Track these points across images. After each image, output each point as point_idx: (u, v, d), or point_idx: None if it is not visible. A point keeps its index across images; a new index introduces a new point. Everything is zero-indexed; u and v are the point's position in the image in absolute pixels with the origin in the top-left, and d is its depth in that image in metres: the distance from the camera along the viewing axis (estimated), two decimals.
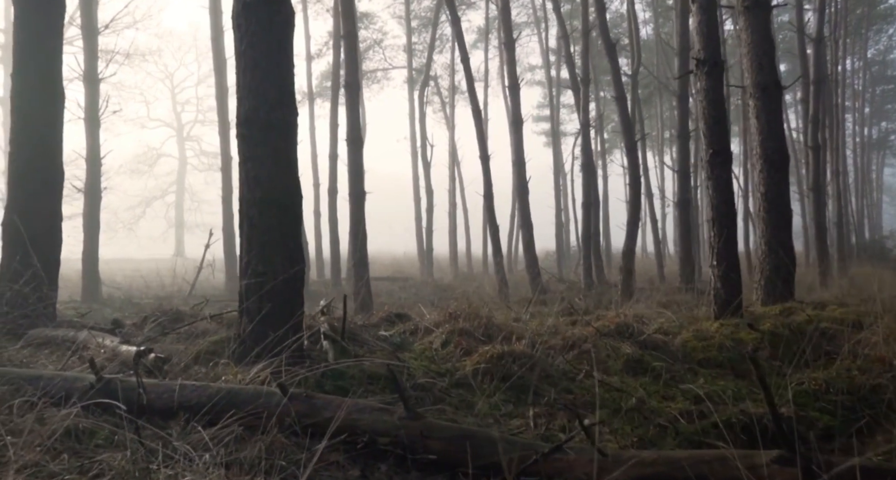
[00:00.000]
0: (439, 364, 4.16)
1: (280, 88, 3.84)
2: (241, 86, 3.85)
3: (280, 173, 3.84)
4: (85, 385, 2.83)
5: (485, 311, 4.98)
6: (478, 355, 4.04)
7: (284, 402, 2.81)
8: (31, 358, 4.04)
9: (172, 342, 4.60)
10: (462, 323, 4.58)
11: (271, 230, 3.82)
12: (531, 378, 3.86)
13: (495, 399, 3.66)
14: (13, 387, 2.72)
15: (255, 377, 3.14)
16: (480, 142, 12.32)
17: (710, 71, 5.07)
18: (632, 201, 12.16)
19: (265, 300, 3.77)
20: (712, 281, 5.21)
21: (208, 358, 3.85)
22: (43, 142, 5.31)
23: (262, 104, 3.79)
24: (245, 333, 3.81)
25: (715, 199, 5.08)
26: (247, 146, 3.83)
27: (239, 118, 3.86)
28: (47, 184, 5.33)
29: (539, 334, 4.81)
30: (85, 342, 4.17)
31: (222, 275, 17.75)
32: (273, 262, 3.81)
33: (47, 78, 5.35)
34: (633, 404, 3.45)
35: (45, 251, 5.17)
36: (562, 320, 5.37)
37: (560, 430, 3.26)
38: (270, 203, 3.81)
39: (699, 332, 4.59)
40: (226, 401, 2.81)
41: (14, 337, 4.61)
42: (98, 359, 3.67)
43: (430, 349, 4.44)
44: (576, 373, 4.02)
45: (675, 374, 3.98)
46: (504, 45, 13.84)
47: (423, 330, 4.87)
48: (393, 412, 2.86)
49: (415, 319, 5.88)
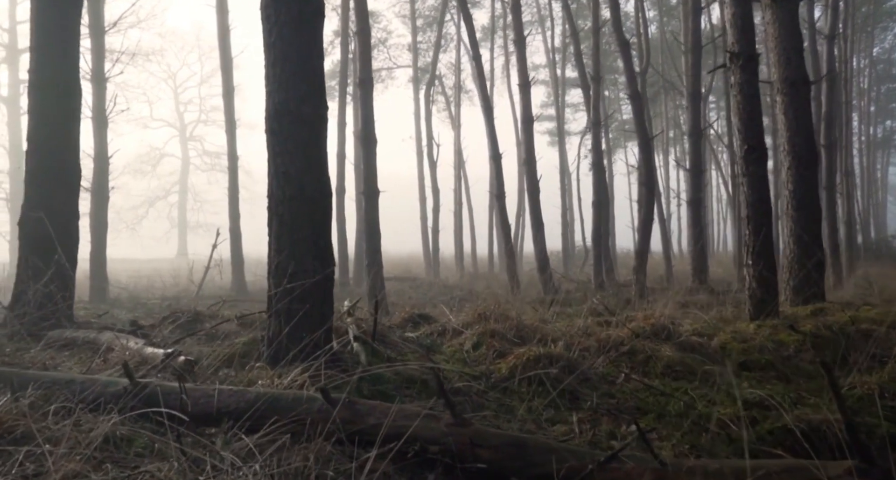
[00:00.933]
0: (473, 366, 4.03)
1: (310, 81, 3.71)
2: (271, 79, 3.72)
3: (311, 168, 3.71)
4: (119, 389, 2.71)
5: (514, 312, 4.84)
6: (513, 357, 3.91)
7: (327, 408, 2.68)
8: (53, 360, 3.92)
9: (194, 344, 4.48)
10: (493, 325, 4.45)
11: (302, 228, 3.69)
12: (570, 381, 3.73)
13: (535, 403, 3.53)
14: (46, 392, 2.59)
15: (292, 381, 3.01)
16: (491, 140, 12.19)
17: (745, 65, 4.93)
18: (646, 200, 12.03)
19: (296, 301, 3.65)
20: (747, 280, 5.08)
21: (237, 361, 3.73)
22: (60, 138, 5.19)
23: (293, 97, 3.66)
24: (275, 335, 3.69)
25: (750, 197, 4.95)
26: (276, 141, 3.70)
27: (268, 112, 3.73)
28: (64, 182, 5.21)
29: (571, 335, 4.69)
30: (108, 344, 4.05)
31: (228, 275, 17.63)
32: (304, 262, 3.68)
33: (64, 73, 5.23)
34: (682, 409, 3.31)
35: (62, 250, 5.05)
36: (591, 321, 5.24)
37: (607, 437, 3.13)
38: (301, 200, 3.68)
39: (737, 334, 4.45)
40: (266, 407, 2.69)
41: (34, 338, 4.49)
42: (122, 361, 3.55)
43: (460, 351, 4.32)
44: (615, 376, 3.89)
45: (718, 377, 3.84)
46: (515, 43, 13.70)
47: (451, 332, 4.74)
48: (439, 418, 2.74)
49: (438, 320, 5.76)
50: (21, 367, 3.57)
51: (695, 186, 14.47)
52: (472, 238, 27.31)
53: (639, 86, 16.80)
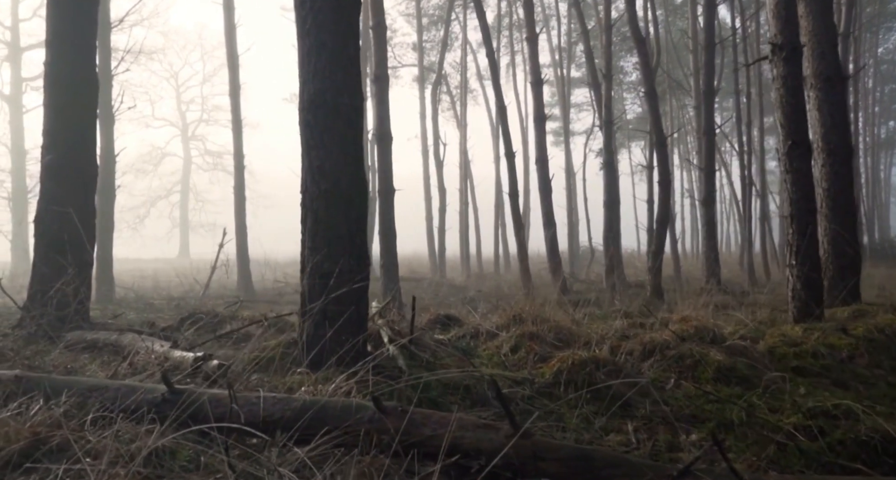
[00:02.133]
0: (514, 371, 3.85)
1: (347, 70, 3.53)
2: (305, 68, 3.54)
3: (347, 163, 3.53)
4: (156, 397, 2.53)
5: (550, 314, 4.66)
6: (557, 361, 3.73)
7: (378, 418, 2.51)
8: (75, 363, 3.74)
9: (220, 346, 4.30)
10: (530, 327, 4.26)
11: (338, 225, 3.51)
12: (619, 387, 3.55)
13: (584, 410, 3.35)
14: (78, 400, 2.41)
15: (337, 388, 2.82)
16: (505, 138, 12.01)
17: (789, 56, 4.74)
18: (662, 199, 11.84)
19: (332, 303, 3.47)
20: (790, 281, 4.90)
21: (269, 366, 3.55)
22: (76, 133, 5.00)
23: (329, 88, 3.48)
24: (309, 338, 3.51)
25: (794, 194, 4.76)
26: (311, 133, 3.52)
27: (302, 103, 3.55)
28: (80, 178, 5.03)
29: (609, 338, 4.51)
30: (131, 346, 3.86)
31: (233, 275, 17.45)
32: (340, 261, 3.50)
33: (80, 66, 5.05)
34: (743, 417, 3.13)
35: (78, 248, 4.87)
36: (625, 323, 5.06)
37: (667, 448, 2.95)
38: (337, 195, 3.50)
39: (785, 337, 4.27)
40: (313, 416, 2.51)
41: (50, 339, 4.30)
42: (149, 365, 3.37)
43: (498, 354, 4.14)
44: (664, 381, 3.71)
45: (771, 384, 3.67)
46: (527, 40, 13.53)
47: (484, 334, 4.56)
48: (498, 429, 2.55)
49: (465, 322, 5.58)
50: (44, 371, 3.39)
51: (708, 185, 14.30)
52: (478, 238, 27.11)
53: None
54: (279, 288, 17.10)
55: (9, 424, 2.08)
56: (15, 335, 4.24)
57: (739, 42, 18.83)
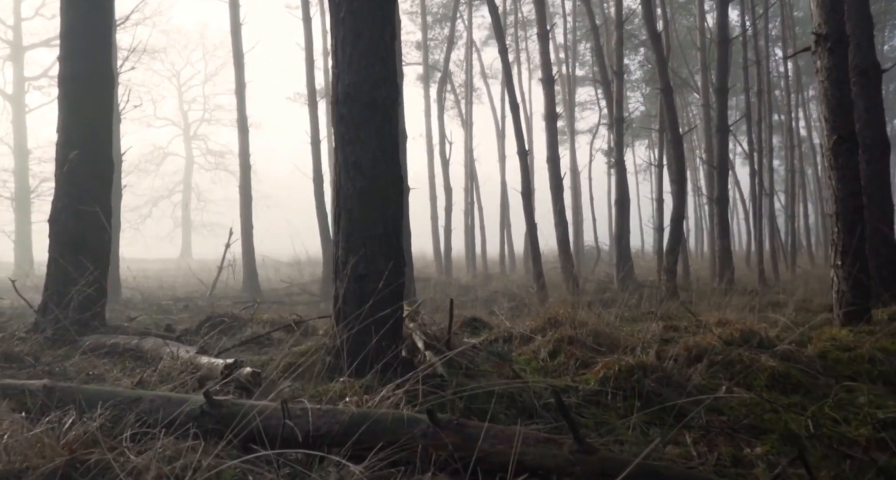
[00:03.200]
0: (555, 377, 3.67)
1: (384, 61, 3.35)
2: (340, 59, 3.36)
3: (384, 159, 3.35)
4: (194, 409, 2.35)
5: (584, 316, 4.48)
6: (601, 367, 3.55)
7: (433, 432, 2.33)
8: (96, 369, 3.56)
9: (245, 351, 4.12)
10: (568, 331, 4.08)
11: (374, 225, 3.33)
12: (668, 394, 3.37)
13: (634, 419, 3.17)
14: (115, 413, 2.23)
15: (383, 398, 2.64)
16: (517, 136, 11.82)
17: (834, 47, 4.55)
18: (677, 197, 11.66)
19: (367, 306, 3.29)
20: (835, 282, 4.72)
21: (301, 372, 3.36)
22: (92, 130, 4.83)
23: (365, 79, 3.30)
24: (343, 343, 3.33)
25: (840, 191, 4.58)
26: (346, 127, 3.34)
27: (336, 96, 3.37)
28: (97, 175, 4.85)
29: (647, 342, 4.33)
30: (154, 352, 3.68)
31: (238, 275, 17.27)
32: (376, 262, 3.33)
33: (96, 61, 4.87)
34: (810, 429, 2.95)
35: (94, 249, 4.69)
36: (660, 325, 4.88)
37: (732, 462, 2.77)
38: (374, 193, 3.32)
39: (835, 341, 4.09)
40: (363, 430, 2.33)
41: (67, 343, 4.12)
42: (176, 373, 3.20)
43: (536, 359, 3.96)
44: (714, 388, 3.53)
45: (830, 391, 3.48)
46: (538, 37, 13.33)
47: (518, 338, 4.38)
48: (561, 443, 2.38)
49: (491, 324, 5.41)
50: (66, 378, 3.21)
51: (721, 184, 14.13)
52: (483, 238, 26.91)
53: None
54: (285, 289, 16.94)
55: (42, 441, 1.90)
56: (31, 339, 4.07)
57: (750, 38, 18.64)
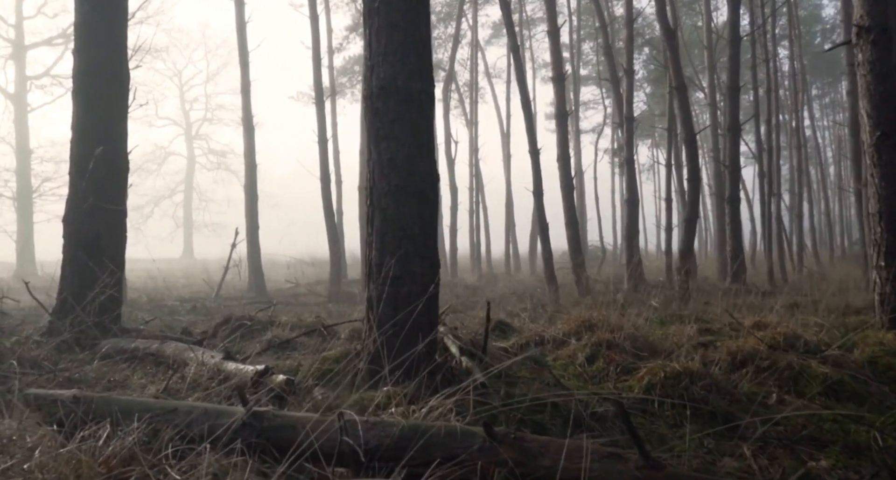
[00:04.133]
0: (596, 384, 3.52)
1: (419, 52, 3.20)
2: (374, 51, 3.20)
3: (420, 155, 3.20)
4: (234, 421, 2.19)
5: (617, 319, 4.33)
6: (645, 373, 3.40)
7: (490, 446, 2.18)
8: (116, 375, 3.41)
9: (271, 357, 3.96)
10: (605, 335, 3.93)
11: (410, 224, 3.18)
12: (717, 403, 3.22)
13: (686, 429, 3.02)
14: (151, 426, 2.08)
15: (432, 408, 2.49)
16: (530, 135, 11.68)
17: (877, 39, 4.38)
18: (691, 197, 11.54)
19: (403, 310, 3.14)
20: (877, 284, 4.56)
21: (335, 379, 3.21)
22: (107, 126, 4.67)
23: (401, 72, 3.15)
24: (377, 349, 3.17)
25: (884, 189, 4.41)
26: (381, 122, 3.18)
27: (370, 89, 3.22)
28: (112, 173, 4.70)
29: (684, 346, 4.18)
30: (176, 357, 3.53)
31: (243, 275, 17.13)
32: (412, 264, 3.17)
33: (111, 55, 4.72)
34: (879, 442, 2.80)
35: (110, 249, 4.54)
36: (694, 328, 4.73)
37: (798, 477, 2.61)
38: (409, 191, 3.17)
39: (884, 346, 3.94)
40: (415, 444, 2.18)
41: (84, 348, 3.97)
42: (203, 379, 3.04)
43: (572, 364, 3.81)
44: (764, 396, 3.38)
45: (885, 399, 3.33)
46: (549, 34, 13.18)
47: (551, 342, 4.22)
48: (626, 458, 2.23)
49: (515, 327, 5.26)
50: (85, 384, 3.06)
51: (733, 183, 13.97)
52: (487, 238, 26.76)
53: (667, 80, 16.33)
54: (290, 289, 16.80)
55: (78, 458, 1.75)
56: (47, 343, 3.92)
57: (759, 37, 18.49)
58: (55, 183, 27.21)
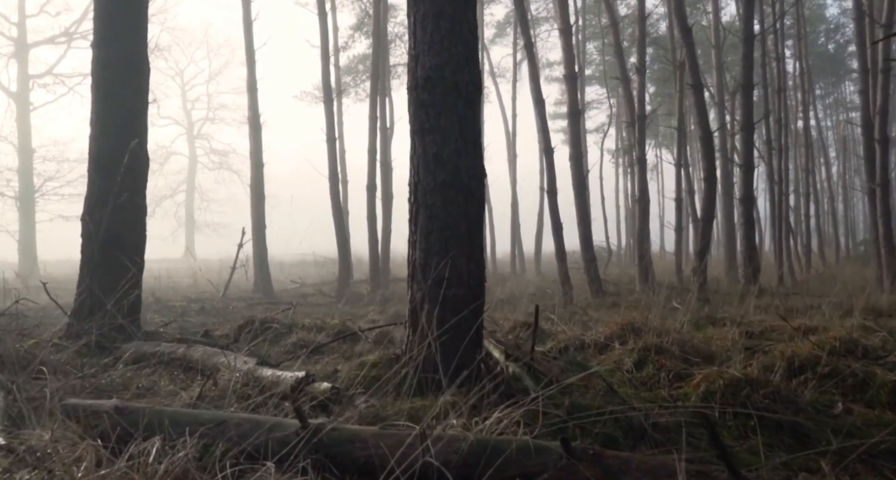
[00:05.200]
0: (648, 391, 3.34)
1: (467, 42, 3.02)
2: (419, 40, 3.03)
3: (466, 149, 3.03)
4: (286, 434, 2.02)
5: (659, 322, 4.15)
6: (701, 380, 3.22)
7: (567, 464, 2.00)
8: (144, 381, 3.23)
9: (303, 362, 3.78)
10: (652, 339, 3.75)
11: (457, 223, 3.01)
12: (783, 412, 3.04)
13: (752, 441, 2.84)
14: (202, 442, 1.90)
15: (497, 421, 2.31)
16: (543, 133, 11.52)
17: None
18: (707, 196, 11.35)
19: (449, 313, 2.96)
20: None
21: (370, 384, 3.03)
22: (127, 121, 4.51)
23: (448, 62, 2.97)
24: (435, 352, 2.99)
25: None
26: (426, 115, 3.01)
27: (415, 80, 3.04)
28: (132, 170, 4.52)
29: (731, 350, 4.01)
30: (205, 362, 3.35)
31: (248, 274, 16.97)
32: (458, 264, 3.00)
33: (132, 47, 4.55)
34: None
35: (130, 247, 4.36)
36: (737, 332, 4.55)
37: None
38: (457, 188, 2.99)
39: None
40: (485, 460, 2.00)
41: (106, 351, 3.79)
42: (237, 386, 2.87)
43: (620, 370, 3.63)
44: (828, 405, 3.20)
45: None
46: (560, 32, 13.00)
47: (592, 346, 4.05)
48: (715, 476, 2.05)
49: (547, 330, 5.09)
50: (114, 390, 2.88)
51: (746, 183, 13.81)
52: (492, 238, 26.59)
53: (677, 78, 16.18)
54: (296, 289, 16.64)
55: (130, 477, 1.58)
56: (68, 346, 3.74)
57: (769, 35, 18.32)
58: (57, 182, 27.05)
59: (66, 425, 2.24)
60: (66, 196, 26.97)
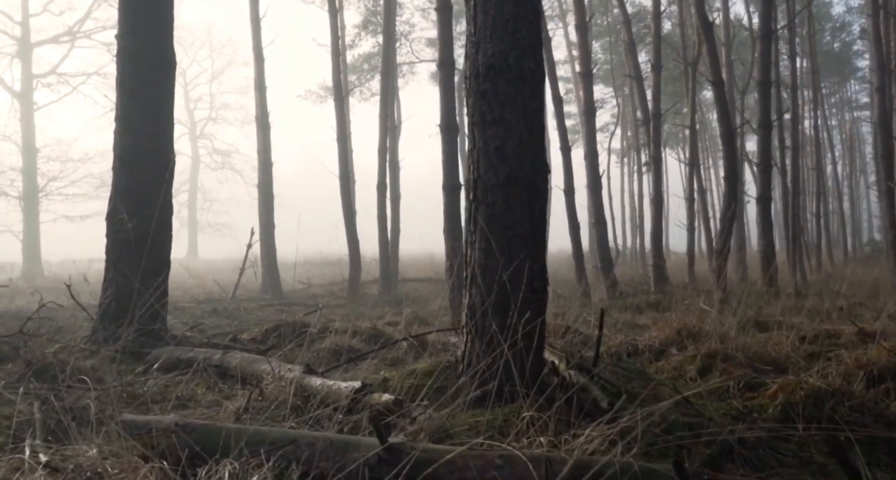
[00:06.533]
0: (716, 401, 3.13)
1: (532, 27, 2.82)
2: (480, 24, 2.82)
3: (531, 143, 2.82)
4: (366, 456, 1.81)
5: (715, 327, 3.94)
6: (777, 390, 3.02)
7: None
8: (182, 390, 3.02)
9: (342, 369, 3.57)
10: (715, 345, 3.54)
11: (520, 222, 2.80)
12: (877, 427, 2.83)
13: None
14: (280, 464, 1.69)
15: (588, 439, 2.10)
16: (561, 132, 11.32)
17: None
18: (728, 196, 11.15)
19: (512, 318, 2.75)
20: None
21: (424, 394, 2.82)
22: (154, 116, 4.30)
23: (512, 48, 2.76)
24: (481, 363, 2.79)
25: None
26: (488, 106, 2.80)
27: (476, 68, 2.84)
28: (156, 168, 4.31)
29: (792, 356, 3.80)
30: (244, 369, 3.15)
31: (258, 276, 16.76)
32: (521, 266, 2.79)
33: (159, 38, 4.34)
34: None
35: (156, 249, 4.15)
36: (790, 335, 4.34)
37: None
38: (520, 184, 2.79)
39: None
40: None
41: (133, 357, 3.58)
42: (285, 396, 2.66)
43: (682, 377, 3.42)
44: None
45: None
46: (577, 29, 12.81)
47: (647, 352, 3.84)
48: None
49: (585, 333, 4.87)
50: (151, 401, 2.68)
51: (764, 182, 13.58)
52: None
53: (685, 77, 15.99)
54: (305, 290, 16.43)
55: None
56: (98, 352, 3.53)
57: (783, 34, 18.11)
58: (61, 182, 26.86)
59: (113, 439, 2.04)
60: (70, 196, 26.79)
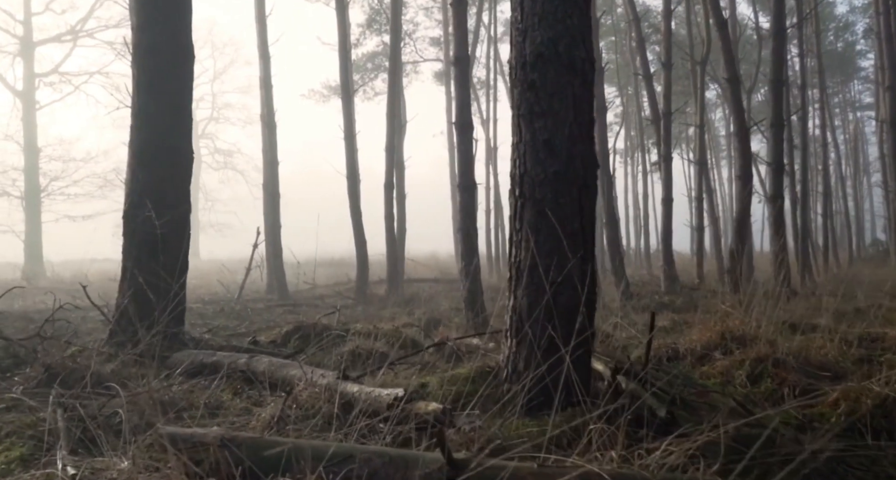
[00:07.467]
0: (772, 409, 2.98)
1: (583, 13, 2.66)
2: (527, 11, 2.66)
3: (581, 136, 2.67)
4: (431, 473, 1.66)
5: (764, 330, 3.79)
6: (839, 398, 2.86)
7: None
8: (209, 397, 2.86)
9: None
10: (766, 349, 3.38)
11: (570, 219, 2.64)
12: None
13: None
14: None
15: (665, 453, 1.94)
16: None
17: None
18: (741, 194, 11.01)
19: (561, 322, 2.60)
20: None
21: (463, 402, 2.67)
22: (173, 111, 4.15)
23: (562, 35, 2.60)
24: (529, 369, 2.63)
25: None
26: (536, 97, 2.64)
27: (523, 57, 2.68)
28: (175, 165, 4.16)
29: (838, 361, 3.65)
30: (272, 374, 2.99)
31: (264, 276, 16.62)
32: (570, 266, 2.63)
33: (178, 29, 4.19)
34: None
35: (175, 249, 4.00)
36: (834, 338, 4.18)
37: None
38: (571, 179, 2.63)
39: None
40: None
41: (156, 360, 3.42)
42: (321, 404, 2.51)
43: (731, 383, 3.26)
44: None
45: None
46: None
47: (689, 356, 3.68)
48: None
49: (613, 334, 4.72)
50: (178, 408, 2.52)
51: (776, 181, 13.42)
52: (502, 238, 26.21)
53: (695, 76, 15.83)
54: (310, 291, 16.29)
55: None
56: (118, 356, 3.38)
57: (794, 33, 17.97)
58: (63, 182, 26.71)
59: (143, 450, 1.89)
60: (72, 196, 26.63)
